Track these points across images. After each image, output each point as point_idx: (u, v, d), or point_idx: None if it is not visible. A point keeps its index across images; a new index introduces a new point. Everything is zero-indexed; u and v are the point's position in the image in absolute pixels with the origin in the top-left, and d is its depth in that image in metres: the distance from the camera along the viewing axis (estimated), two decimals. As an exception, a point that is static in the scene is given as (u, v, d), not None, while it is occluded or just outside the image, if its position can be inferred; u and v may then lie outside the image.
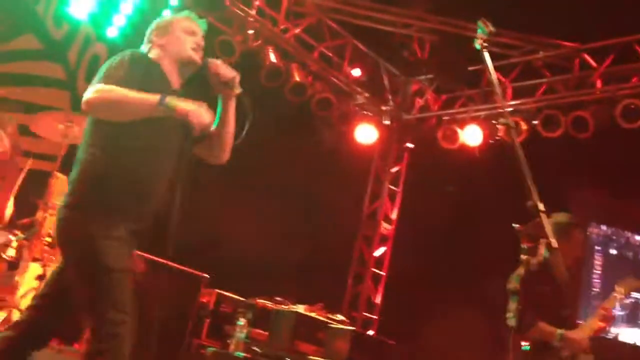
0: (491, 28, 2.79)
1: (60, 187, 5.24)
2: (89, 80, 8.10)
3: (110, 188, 2.72)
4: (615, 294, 4.43)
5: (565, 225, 4.36)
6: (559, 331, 4.13)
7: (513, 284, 4.32)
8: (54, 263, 5.14)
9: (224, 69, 2.94)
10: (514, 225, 2.37)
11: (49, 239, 4.94)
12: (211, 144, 3.06)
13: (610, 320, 4.32)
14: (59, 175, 5.20)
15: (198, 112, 2.75)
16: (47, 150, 6.11)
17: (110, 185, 2.72)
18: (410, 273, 8.74)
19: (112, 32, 7.23)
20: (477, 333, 7.22)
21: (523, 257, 2.36)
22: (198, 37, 3.05)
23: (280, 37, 7.90)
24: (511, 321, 4.16)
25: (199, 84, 3.05)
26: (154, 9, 7.36)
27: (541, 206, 2.38)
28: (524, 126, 7.66)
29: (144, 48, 3.06)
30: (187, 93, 2.98)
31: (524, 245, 2.36)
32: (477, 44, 2.78)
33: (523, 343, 4.32)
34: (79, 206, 2.74)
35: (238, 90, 2.96)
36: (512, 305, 4.20)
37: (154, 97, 2.71)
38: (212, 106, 2.95)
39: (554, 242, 2.26)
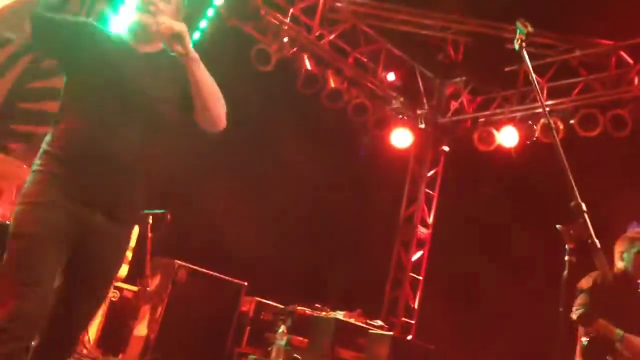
0: (530, 28, 2.78)
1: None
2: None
3: (50, 159, 2.55)
4: None
5: (636, 244, 4.40)
6: (620, 331, 4.12)
7: (585, 283, 4.33)
8: None
9: (165, 28, 2.56)
10: (557, 226, 2.35)
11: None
12: (196, 111, 2.78)
13: None
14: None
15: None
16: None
17: (49, 156, 2.56)
18: (448, 277, 8.69)
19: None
20: (516, 335, 7.13)
21: (567, 258, 2.33)
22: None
23: (315, 44, 7.96)
24: (574, 314, 4.17)
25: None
26: (190, 19, 7.47)
27: (584, 206, 2.36)
28: (561, 126, 7.57)
29: None
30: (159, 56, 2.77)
31: (568, 246, 2.34)
32: (516, 45, 2.77)
33: (583, 338, 4.30)
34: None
35: (186, 49, 2.59)
36: (579, 300, 4.21)
37: None
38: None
39: (597, 243, 2.24)
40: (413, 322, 8.77)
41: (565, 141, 7.46)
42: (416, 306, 8.87)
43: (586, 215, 2.33)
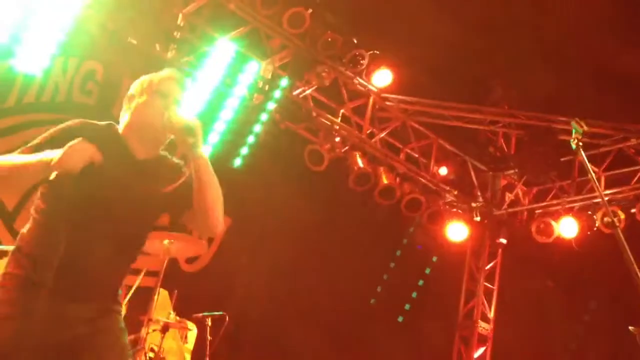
0: (585, 127, 2.80)
1: (161, 301, 5.41)
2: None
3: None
4: None
5: None
6: None
7: None
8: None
9: (176, 122, 2.50)
10: (630, 327, 2.27)
11: (152, 354, 5.04)
12: (193, 215, 2.60)
13: None
14: (161, 290, 5.36)
15: (64, 158, 2.31)
16: (151, 266, 6.36)
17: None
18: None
19: (205, 150, 7.59)
20: None
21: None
22: (171, 99, 2.66)
23: (366, 142, 8.10)
24: None
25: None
26: (245, 124, 7.69)
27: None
28: (622, 215, 7.40)
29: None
30: (161, 164, 2.66)
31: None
32: (573, 144, 2.79)
33: None
34: None
35: (198, 147, 2.48)
36: None
37: (36, 157, 2.39)
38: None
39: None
40: None
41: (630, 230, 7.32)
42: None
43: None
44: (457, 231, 8.83)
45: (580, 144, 2.72)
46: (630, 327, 2.27)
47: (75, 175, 2.31)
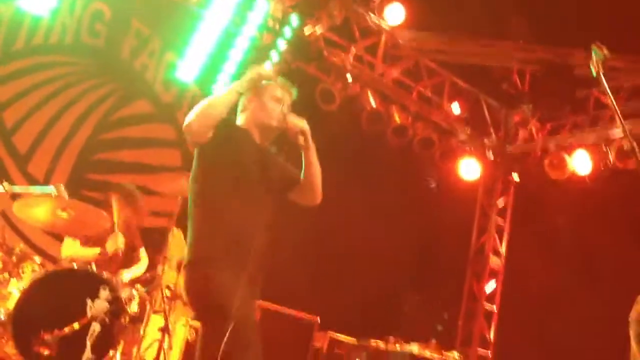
0: (606, 52, 2.75)
1: (177, 241, 5.49)
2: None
3: (210, 240, 2.99)
4: None
5: None
6: None
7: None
8: (174, 314, 5.35)
9: (293, 125, 3.19)
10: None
11: (168, 292, 5.13)
12: (302, 190, 3.33)
13: None
14: (175, 230, 5.43)
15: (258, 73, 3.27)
16: (164, 207, 6.43)
17: (209, 237, 3.00)
18: (523, 306, 8.45)
19: (217, 90, 7.58)
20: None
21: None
22: (284, 105, 3.31)
23: (379, 81, 8.02)
24: None
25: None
26: (255, 64, 7.67)
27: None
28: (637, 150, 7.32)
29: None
30: (274, 150, 3.36)
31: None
32: (593, 70, 2.74)
33: None
34: (192, 262, 3.00)
35: (308, 144, 3.19)
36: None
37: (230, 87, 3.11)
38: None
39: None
40: (489, 353, 8.53)
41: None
42: (492, 337, 8.64)
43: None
44: (469, 169, 8.82)
45: (602, 70, 2.66)
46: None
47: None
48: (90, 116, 7.29)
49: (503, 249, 9.04)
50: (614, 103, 2.67)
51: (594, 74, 2.67)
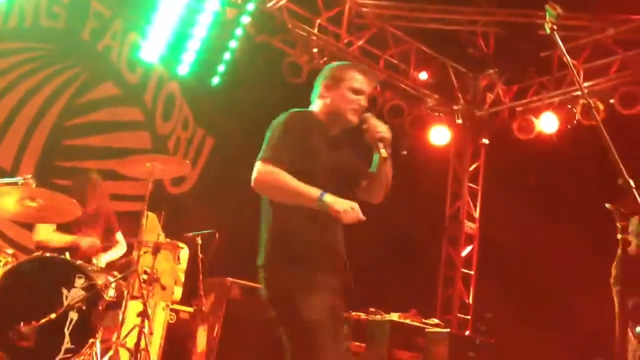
0: (559, 10, 2.75)
1: (150, 225, 5.45)
2: (166, 119, 8.40)
3: (297, 242, 2.90)
4: None
5: None
6: None
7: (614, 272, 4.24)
8: (153, 298, 5.33)
9: (373, 130, 3.02)
10: (607, 205, 2.32)
11: (145, 276, 5.09)
12: (369, 189, 3.19)
13: None
14: (149, 213, 5.38)
15: (349, 213, 2.83)
16: (135, 191, 6.37)
17: (296, 239, 2.91)
18: (500, 269, 8.58)
19: (183, 70, 7.50)
20: (572, 323, 7.01)
21: (620, 236, 2.30)
22: (363, 96, 3.11)
23: (345, 51, 7.99)
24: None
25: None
26: (220, 41, 7.60)
27: (632, 182, 2.32)
28: (601, 106, 7.45)
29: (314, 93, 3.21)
30: (344, 140, 3.18)
31: (620, 224, 2.30)
32: (547, 28, 2.74)
33: (637, 329, 4.21)
34: (274, 264, 2.91)
35: (385, 152, 3.02)
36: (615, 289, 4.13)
37: (314, 193, 2.82)
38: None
39: (650, 218, 2.20)
40: (469, 318, 8.69)
41: (612, 121, 7.39)
42: (471, 301, 8.79)
43: (635, 191, 2.29)
44: (439, 135, 8.87)
45: (555, 27, 2.67)
46: (606, 205, 2.32)
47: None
48: (56, 102, 7.15)
49: (477, 214, 9.14)
50: (570, 62, 2.67)
51: (548, 32, 2.67)
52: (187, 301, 5.90)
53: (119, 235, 5.56)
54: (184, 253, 5.83)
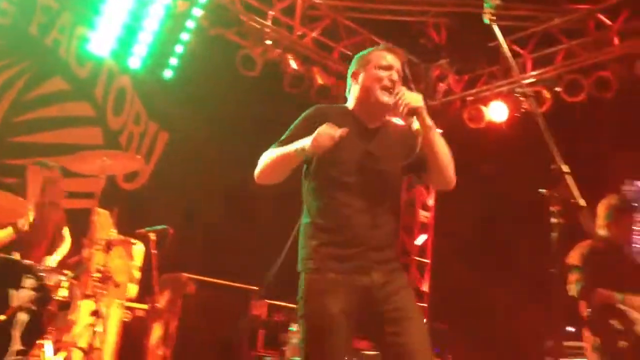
0: (498, 1, 2.81)
1: (103, 222, 5.38)
2: (117, 113, 8.28)
3: (317, 246, 2.82)
4: None
5: (616, 209, 4.46)
6: (619, 294, 4.18)
7: (574, 258, 4.38)
8: (108, 297, 5.27)
9: (402, 101, 2.81)
10: (540, 190, 2.39)
11: (98, 275, 5.03)
12: (430, 173, 2.94)
13: None
14: (100, 210, 5.31)
15: (321, 136, 2.68)
16: (86, 187, 6.28)
17: (315, 243, 2.83)
18: (455, 257, 8.71)
19: (134, 63, 7.39)
20: (525, 306, 7.16)
21: (553, 220, 2.37)
22: (393, 71, 2.95)
23: (299, 43, 7.98)
24: (573, 291, 4.22)
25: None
26: (172, 33, 7.52)
27: (565, 168, 2.39)
28: (547, 95, 7.62)
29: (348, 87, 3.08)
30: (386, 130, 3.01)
31: (554, 209, 2.37)
32: (486, 19, 2.80)
33: (587, 310, 4.35)
34: (301, 270, 2.87)
35: (419, 124, 2.82)
36: (573, 276, 4.26)
37: (294, 147, 2.75)
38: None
39: (582, 202, 2.27)
40: (425, 305, 8.80)
41: (556, 109, 7.55)
42: (426, 289, 8.90)
43: (568, 177, 2.36)
44: (394, 125, 8.92)
45: (494, 18, 2.72)
46: (540, 190, 2.38)
47: (331, 150, 2.70)
48: (3, 98, 6.99)
49: (432, 202, 9.24)
50: (506, 51, 2.73)
51: (487, 21, 2.73)
52: (143, 298, 5.85)
53: (65, 231, 5.47)
54: (138, 250, 5.77)
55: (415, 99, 2.81)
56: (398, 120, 3.05)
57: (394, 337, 2.69)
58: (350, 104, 3.02)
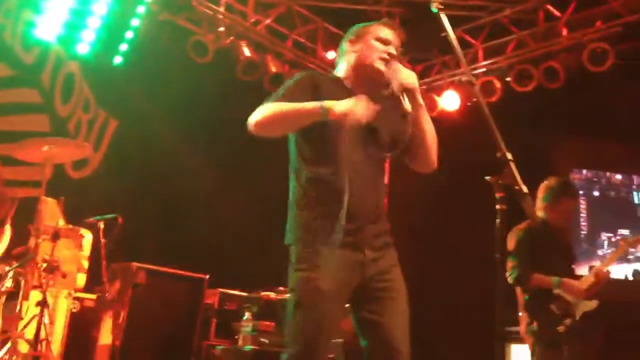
0: (443, -10, 2.82)
1: (50, 211, 5.26)
2: (65, 100, 8.10)
3: (310, 219, 2.76)
4: (613, 253, 4.55)
5: (556, 192, 4.49)
6: (556, 278, 4.24)
7: (510, 244, 4.42)
8: (54, 288, 5.17)
9: (397, 78, 2.77)
10: (486, 177, 2.43)
11: (44, 264, 4.93)
12: (411, 152, 2.93)
13: (604, 279, 4.40)
14: (47, 199, 5.20)
15: (353, 111, 2.59)
16: (32, 176, 6.12)
17: (308, 216, 2.77)
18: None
19: (82, 49, 7.23)
20: (471, 292, 7.29)
21: (498, 206, 2.41)
22: (391, 46, 2.95)
23: (252, 30, 7.91)
24: (510, 279, 4.26)
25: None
26: (121, 19, 7.38)
27: (509, 155, 2.43)
28: (498, 84, 7.74)
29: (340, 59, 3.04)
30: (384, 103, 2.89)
31: (498, 195, 2.42)
32: (434, 7, 2.81)
33: (524, 295, 4.42)
34: (290, 243, 2.82)
35: (410, 105, 2.74)
36: (509, 263, 4.30)
37: (313, 105, 2.65)
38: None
39: (525, 189, 2.32)
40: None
41: (507, 99, 7.67)
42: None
43: (512, 164, 2.40)
44: (348, 113, 8.95)
45: (442, 7, 2.74)
46: (486, 177, 2.42)
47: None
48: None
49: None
50: (452, 40, 2.75)
51: (435, 10, 2.74)
52: (91, 289, 5.76)
53: (7, 227, 5.34)
54: (87, 239, 5.67)
55: (410, 76, 2.80)
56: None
57: (374, 316, 2.71)
58: (342, 72, 2.99)
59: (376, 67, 2.87)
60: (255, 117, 2.74)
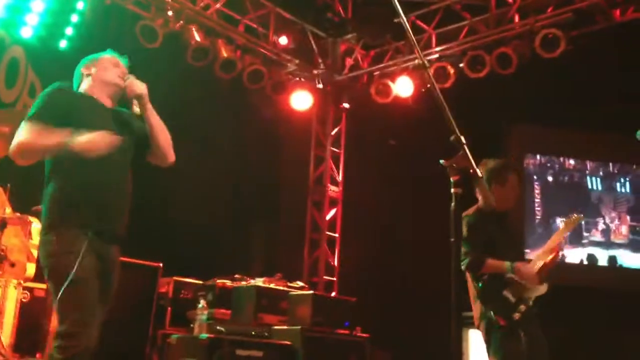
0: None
1: (-3, 198, 5.13)
2: (10, 85, 7.82)
3: (67, 206, 3.14)
4: (560, 231, 4.57)
5: (499, 170, 4.44)
6: (508, 263, 4.24)
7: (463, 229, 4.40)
8: (2, 278, 5.03)
9: (131, 87, 3.37)
10: (440, 161, 2.44)
11: (-5, 254, 4.80)
12: (152, 147, 3.47)
13: (557, 254, 4.42)
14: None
15: (97, 143, 3.02)
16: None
17: (66, 204, 3.14)
18: (364, 230, 8.85)
19: (26, 33, 7.01)
20: (431, 276, 7.40)
21: (453, 190, 2.42)
22: (122, 68, 3.49)
23: (202, 15, 7.78)
24: (462, 264, 4.24)
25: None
26: (67, 2, 7.18)
27: (463, 139, 2.44)
28: (451, 70, 7.81)
29: (76, 83, 3.50)
30: (120, 111, 3.50)
31: (453, 179, 2.43)
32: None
33: (477, 283, 4.42)
34: (45, 228, 3.18)
35: (140, 109, 3.37)
36: (462, 249, 4.28)
37: (62, 137, 3.02)
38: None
39: (479, 172, 2.33)
40: (335, 279, 8.91)
41: (461, 85, 7.74)
42: (336, 264, 9.01)
43: (466, 148, 2.41)
44: (301, 100, 8.92)
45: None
46: (440, 161, 2.43)
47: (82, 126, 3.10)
48: None
49: (340, 177, 9.33)
50: (405, 26, 2.75)
51: None
52: (41, 278, 5.61)
53: None
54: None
55: (140, 86, 3.36)
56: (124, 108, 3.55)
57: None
58: (85, 89, 3.44)
59: (115, 80, 3.42)
60: (12, 149, 3.11)
